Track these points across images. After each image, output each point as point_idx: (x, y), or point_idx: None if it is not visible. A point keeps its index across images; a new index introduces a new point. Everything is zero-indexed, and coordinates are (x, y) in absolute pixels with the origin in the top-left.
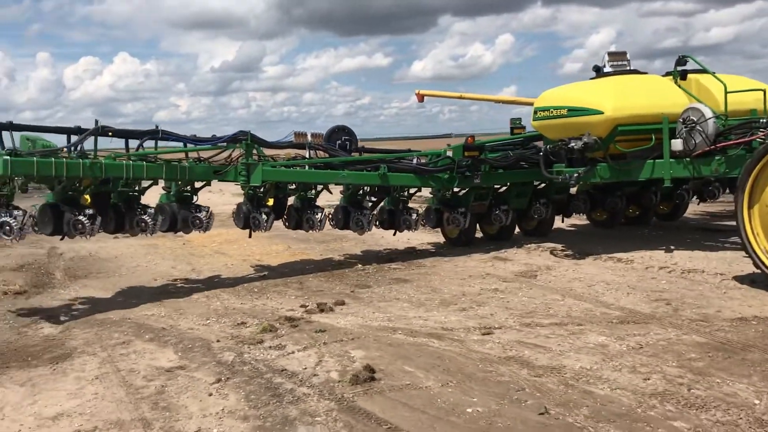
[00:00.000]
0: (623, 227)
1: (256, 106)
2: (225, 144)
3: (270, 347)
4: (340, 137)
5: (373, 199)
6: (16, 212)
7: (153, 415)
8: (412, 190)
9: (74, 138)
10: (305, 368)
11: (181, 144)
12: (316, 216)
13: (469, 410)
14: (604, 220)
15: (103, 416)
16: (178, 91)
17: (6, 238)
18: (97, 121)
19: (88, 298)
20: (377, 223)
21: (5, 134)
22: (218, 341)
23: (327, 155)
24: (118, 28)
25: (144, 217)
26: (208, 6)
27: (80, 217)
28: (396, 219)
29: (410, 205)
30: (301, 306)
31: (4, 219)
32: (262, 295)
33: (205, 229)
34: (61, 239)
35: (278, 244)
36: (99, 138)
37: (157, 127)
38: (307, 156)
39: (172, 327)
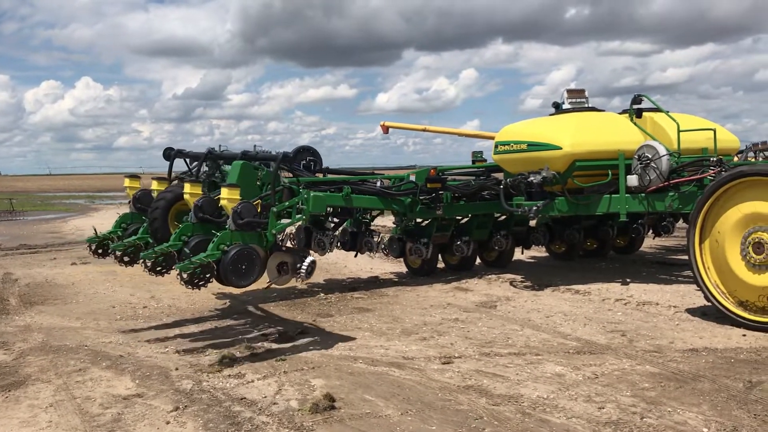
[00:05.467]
0: (581, 259)
1: (219, 133)
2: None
3: (229, 375)
4: (305, 157)
5: (336, 220)
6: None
7: None
8: (374, 213)
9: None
10: (265, 397)
11: None
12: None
13: None
14: (563, 253)
15: None
16: (140, 117)
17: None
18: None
19: (44, 325)
20: (339, 244)
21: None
22: (177, 369)
23: (291, 175)
24: (80, 53)
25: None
26: (171, 34)
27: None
28: (358, 241)
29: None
30: (262, 335)
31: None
32: (222, 322)
33: None
34: None
35: None
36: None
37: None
38: None
39: (129, 354)
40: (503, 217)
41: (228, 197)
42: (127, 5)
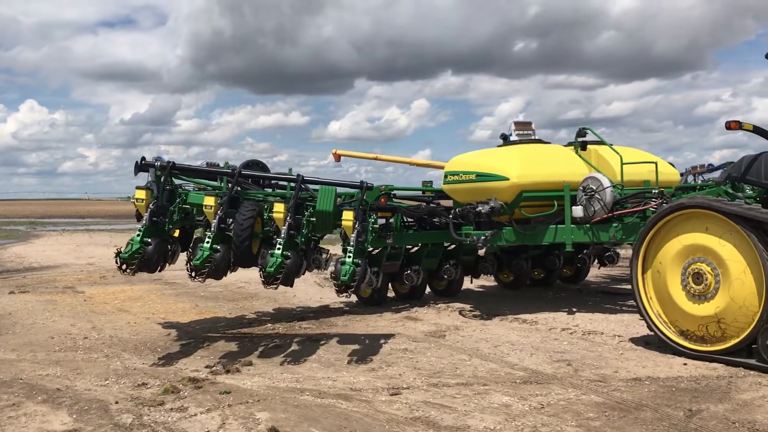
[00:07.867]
0: (529, 288)
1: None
2: None
3: (171, 409)
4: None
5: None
6: None
7: None
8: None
9: None
10: (207, 431)
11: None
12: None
13: None
14: (511, 282)
15: None
16: (86, 142)
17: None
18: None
19: None
20: None
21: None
22: (117, 403)
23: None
24: (25, 76)
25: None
26: (120, 58)
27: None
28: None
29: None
30: (206, 366)
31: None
32: (165, 354)
33: None
34: None
35: (185, 302)
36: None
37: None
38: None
39: (68, 388)
40: (452, 246)
41: (352, 219)
42: (76, 29)
